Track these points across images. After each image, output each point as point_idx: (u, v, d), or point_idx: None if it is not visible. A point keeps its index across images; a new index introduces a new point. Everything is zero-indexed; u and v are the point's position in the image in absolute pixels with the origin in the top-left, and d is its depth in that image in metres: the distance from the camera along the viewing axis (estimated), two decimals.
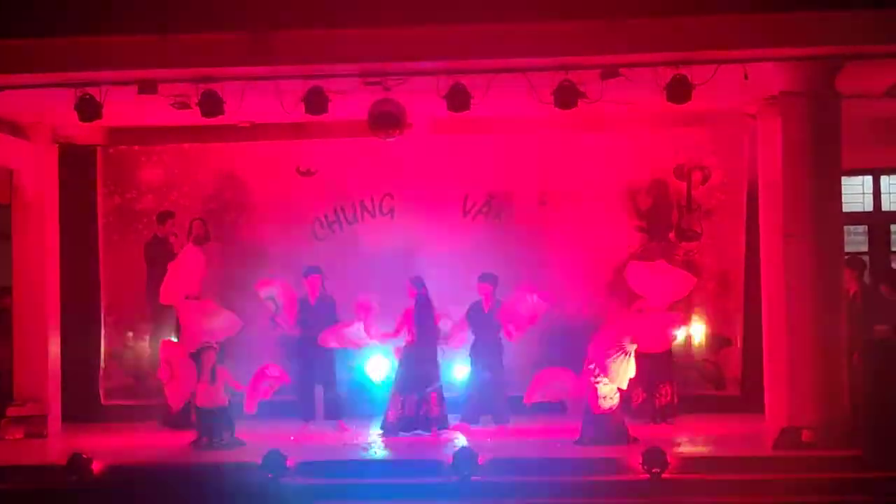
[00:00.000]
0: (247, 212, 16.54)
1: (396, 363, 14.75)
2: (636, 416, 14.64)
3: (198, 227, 16.27)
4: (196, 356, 14.07)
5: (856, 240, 16.26)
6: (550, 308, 14.87)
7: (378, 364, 15.71)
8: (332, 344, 14.85)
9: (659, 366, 14.78)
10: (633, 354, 13.44)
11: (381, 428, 14.47)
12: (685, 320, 14.92)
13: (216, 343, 14.26)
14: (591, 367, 13.40)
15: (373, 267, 16.22)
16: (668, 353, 14.89)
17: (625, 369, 13.40)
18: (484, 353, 14.87)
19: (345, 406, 15.25)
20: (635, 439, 13.19)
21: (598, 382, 13.34)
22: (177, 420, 14.81)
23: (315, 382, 15.15)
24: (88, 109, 12.97)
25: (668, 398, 14.93)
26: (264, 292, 15.26)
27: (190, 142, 16.41)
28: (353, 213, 16.50)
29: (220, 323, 14.69)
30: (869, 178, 16.38)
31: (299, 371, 15.27)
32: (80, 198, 16.40)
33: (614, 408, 13.42)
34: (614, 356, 13.33)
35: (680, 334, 15.13)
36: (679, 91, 12.47)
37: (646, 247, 16.06)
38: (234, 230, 16.54)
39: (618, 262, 15.76)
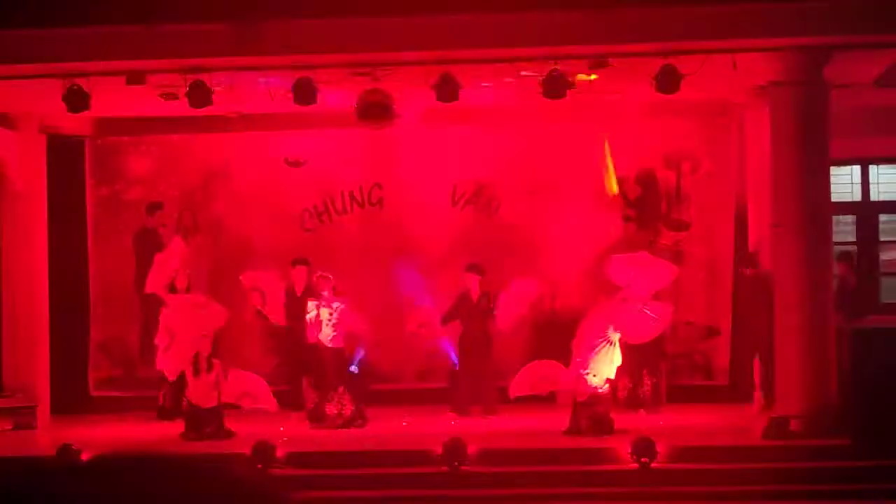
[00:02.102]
0: (235, 202, 16.49)
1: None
2: (622, 406, 14.63)
3: (186, 218, 16.27)
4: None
5: (844, 230, 16.27)
6: (541, 293, 14.92)
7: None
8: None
9: (643, 356, 14.72)
10: (617, 344, 13.43)
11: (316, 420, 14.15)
12: (669, 310, 14.73)
13: (208, 332, 14.19)
14: (578, 360, 13.39)
15: (361, 257, 16.23)
16: (653, 342, 14.77)
17: (610, 359, 13.39)
18: (473, 343, 14.87)
19: None
20: (623, 430, 13.17)
21: (586, 374, 13.32)
22: (171, 412, 14.80)
23: (303, 373, 15.09)
24: (76, 100, 12.93)
25: (653, 387, 14.93)
26: (250, 283, 15.21)
27: (178, 133, 16.36)
28: (342, 203, 16.48)
29: (208, 315, 14.67)
30: (857, 168, 16.38)
31: (288, 362, 15.24)
32: (69, 189, 16.35)
33: (603, 397, 13.41)
34: (599, 348, 13.32)
35: (664, 324, 14.98)
36: (668, 81, 12.48)
37: (633, 236, 16.04)
38: (222, 221, 16.51)
39: (608, 253, 15.76)
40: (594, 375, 13.30)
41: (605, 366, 13.36)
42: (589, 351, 13.32)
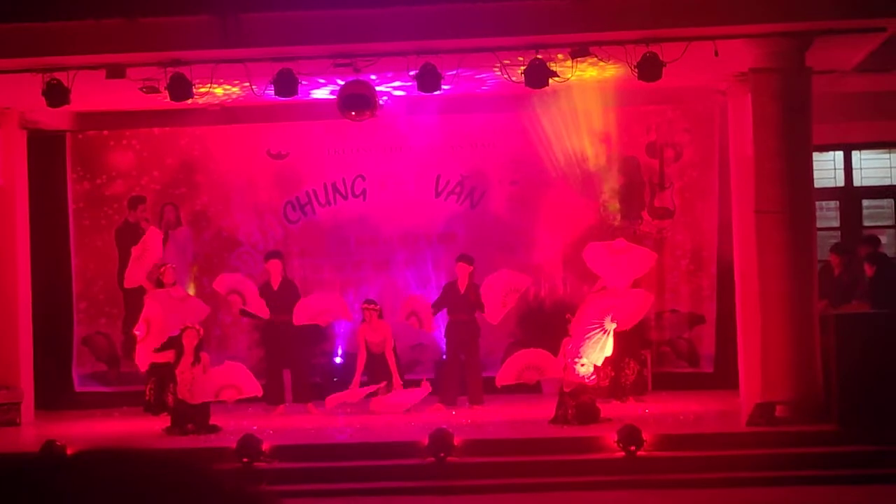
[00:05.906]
0: (218, 196, 16.45)
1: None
2: (606, 395, 14.58)
3: (169, 212, 16.21)
4: (178, 338, 13.95)
5: (827, 215, 16.29)
6: (528, 284, 14.89)
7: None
8: (306, 320, 14.67)
9: (626, 344, 14.64)
10: (611, 333, 13.37)
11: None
12: (649, 297, 14.65)
13: (197, 326, 14.10)
14: (570, 347, 13.36)
15: (345, 249, 16.19)
16: (636, 330, 14.71)
17: (601, 347, 13.36)
18: (459, 333, 14.84)
19: (313, 389, 15.16)
20: (609, 419, 13.17)
21: (575, 363, 13.29)
22: (157, 407, 14.75)
23: (283, 366, 15.05)
24: (56, 95, 12.87)
25: (636, 375, 14.91)
26: (225, 287, 15.03)
27: (160, 126, 16.31)
28: (325, 195, 16.44)
29: (188, 309, 14.61)
30: (840, 154, 16.40)
31: (267, 356, 15.20)
32: (50, 184, 16.29)
33: (589, 386, 13.39)
34: (592, 336, 13.30)
35: (646, 311, 14.89)
36: (650, 69, 12.47)
37: (616, 225, 16.01)
38: (205, 214, 16.46)
39: (589, 241, 15.72)
40: (583, 364, 13.27)
41: (595, 354, 13.33)
42: (582, 338, 13.29)
